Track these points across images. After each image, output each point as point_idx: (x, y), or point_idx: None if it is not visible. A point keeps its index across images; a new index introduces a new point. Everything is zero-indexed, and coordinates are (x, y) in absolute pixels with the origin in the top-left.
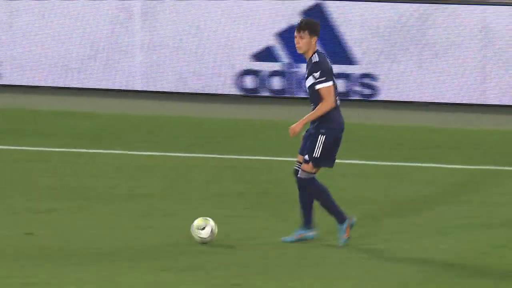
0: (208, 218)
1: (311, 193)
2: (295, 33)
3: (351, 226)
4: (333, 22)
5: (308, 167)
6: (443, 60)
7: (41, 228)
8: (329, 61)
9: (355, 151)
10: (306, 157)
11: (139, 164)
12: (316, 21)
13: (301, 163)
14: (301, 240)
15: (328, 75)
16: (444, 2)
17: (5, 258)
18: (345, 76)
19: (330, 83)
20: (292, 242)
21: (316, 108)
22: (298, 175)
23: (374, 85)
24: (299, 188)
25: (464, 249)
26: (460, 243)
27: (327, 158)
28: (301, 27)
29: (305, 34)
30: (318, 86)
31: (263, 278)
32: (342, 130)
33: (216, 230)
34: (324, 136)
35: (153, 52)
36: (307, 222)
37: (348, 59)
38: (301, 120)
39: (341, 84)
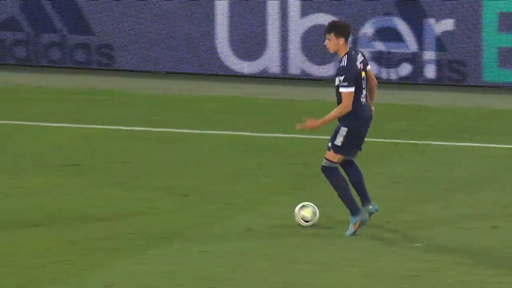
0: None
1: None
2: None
3: (363, 222)
4: None
5: (330, 154)
6: None
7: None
8: (358, 65)
9: None
10: (329, 144)
11: None
12: (343, 23)
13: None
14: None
15: (350, 80)
16: None
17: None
18: None
19: (351, 89)
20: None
21: (335, 109)
22: (322, 164)
23: None
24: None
25: None
26: None
27: (349, 149)
28: (327, 29)
29: (332, 36)
30: (340, 90)
31: None
32: (366, 126)
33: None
34: (346, 129)
35: None
36: (364, 200)
37: None
38: (322, 119)
39: None
